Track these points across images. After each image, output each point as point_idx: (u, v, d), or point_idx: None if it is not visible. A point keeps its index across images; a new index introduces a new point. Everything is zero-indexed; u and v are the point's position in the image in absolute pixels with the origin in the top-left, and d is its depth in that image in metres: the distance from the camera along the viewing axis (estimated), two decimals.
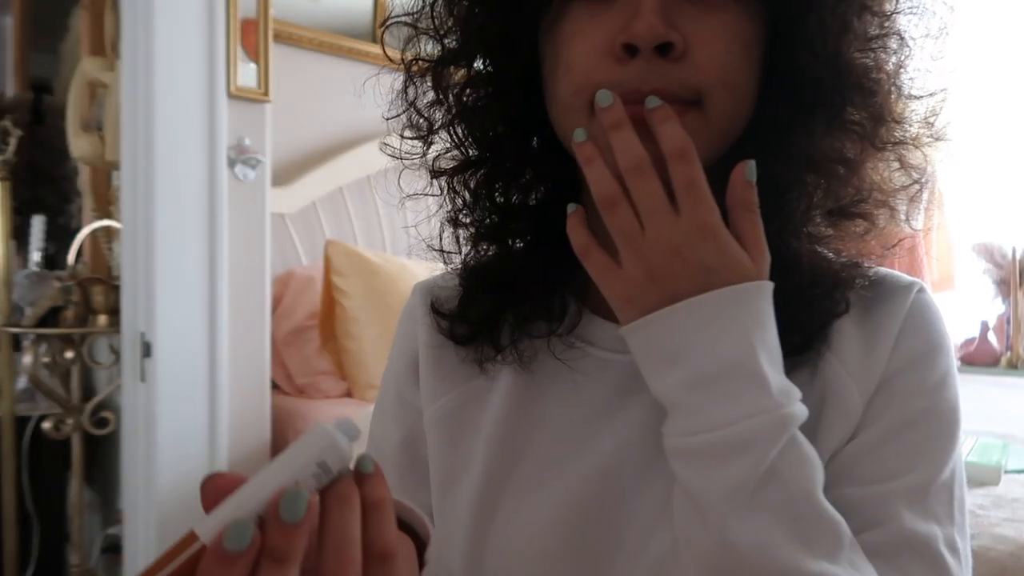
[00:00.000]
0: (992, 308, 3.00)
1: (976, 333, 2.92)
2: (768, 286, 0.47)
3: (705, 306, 0.46)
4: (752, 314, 0.46)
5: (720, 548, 0.46)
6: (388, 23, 0.59)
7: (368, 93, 0.62)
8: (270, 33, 1.98)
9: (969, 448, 1.38)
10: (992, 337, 2.93)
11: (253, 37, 1.95)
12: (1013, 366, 2.81)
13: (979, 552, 1.01)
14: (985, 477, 1.25)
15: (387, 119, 0.60)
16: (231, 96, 1.88)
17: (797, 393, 0.48)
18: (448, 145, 0.60)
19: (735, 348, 0.46)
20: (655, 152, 0.48)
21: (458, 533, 0.58)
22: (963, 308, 3.10)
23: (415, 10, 0.58)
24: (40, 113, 2.96)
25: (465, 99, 0.58)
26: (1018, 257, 2.88)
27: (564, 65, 0.52)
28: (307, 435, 0.39)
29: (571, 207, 0.52)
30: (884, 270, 0.58)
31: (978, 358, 2.89)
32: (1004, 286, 2.93)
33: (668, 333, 0.47)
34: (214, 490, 0.38)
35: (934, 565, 0.49)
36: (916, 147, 0.55)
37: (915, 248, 2.91)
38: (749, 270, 0.47)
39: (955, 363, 0.56)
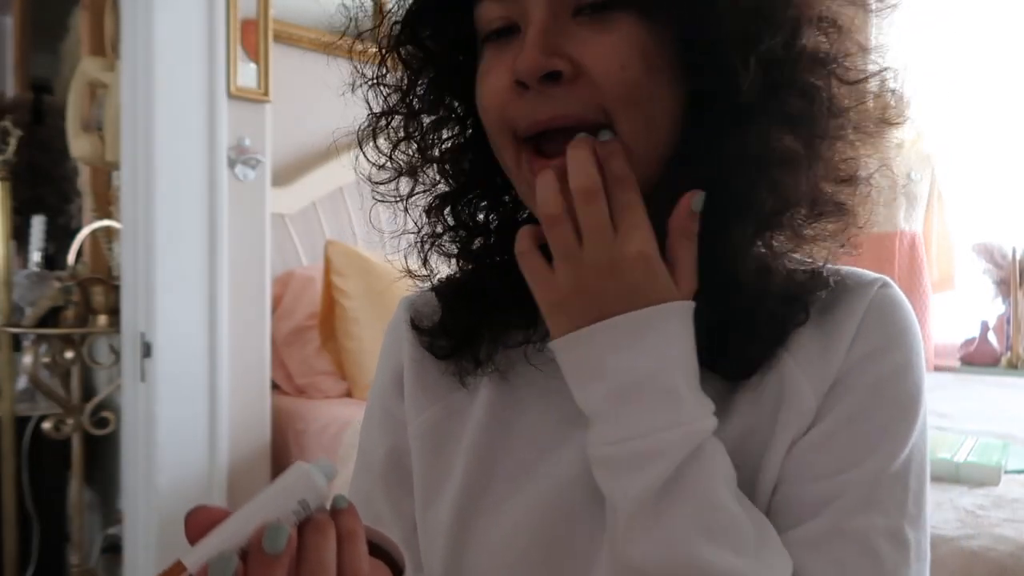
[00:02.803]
0: (992, 308, 2.99)
1: (976, 333, 2.92)
2: (688, 307, 0.50)
3: (629, 324, 0.49)
4: (671, 332, 0.49)
5: (630, 545, 0.49)
6: (355, 85, 0.62)
7: (357, 103, 0.63)
8: (270, 33, 1.98)
9: (969, 448, 1.38)
10: (992, 337, 2.92)
11: (253, 37, 1.95)
12: (1013, 366, 2.81)
13: (979, 552, 1.01)
14: (985, 477, 1.25)
15: (369, 171, 0.63)
16: (231, 96, 1.88)
17: (709, 407, 0.50)
18: (427, 183, 0.63)
19: (653, 364, 0.49)
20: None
21: (439, 541, 0.59)
22: (963, 308, 3.10)
23: (376, 72, 0.61)
24: (40, 113, 2.96)
25: (434, 141, 0.61)
26: (1018, 257, 2.87)
27: (480, 104, 0.55)
28: (288, 473, 0.43)
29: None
30: (849, 269, 0.57)
31: (978, 358, 2.88)
32: (1004, 286, 2.93)
33: (593, 349, 0.50)
34: (199, 523, 0.41)
35: (868, 556, 0.49)
36: (860, 136, 0.54)
37: (915, 248, 2.91)
38: (671, 293, 0.49)
39: (920, 355, 0.55)
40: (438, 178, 0.62)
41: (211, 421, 1.83)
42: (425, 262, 0.64)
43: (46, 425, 2.21)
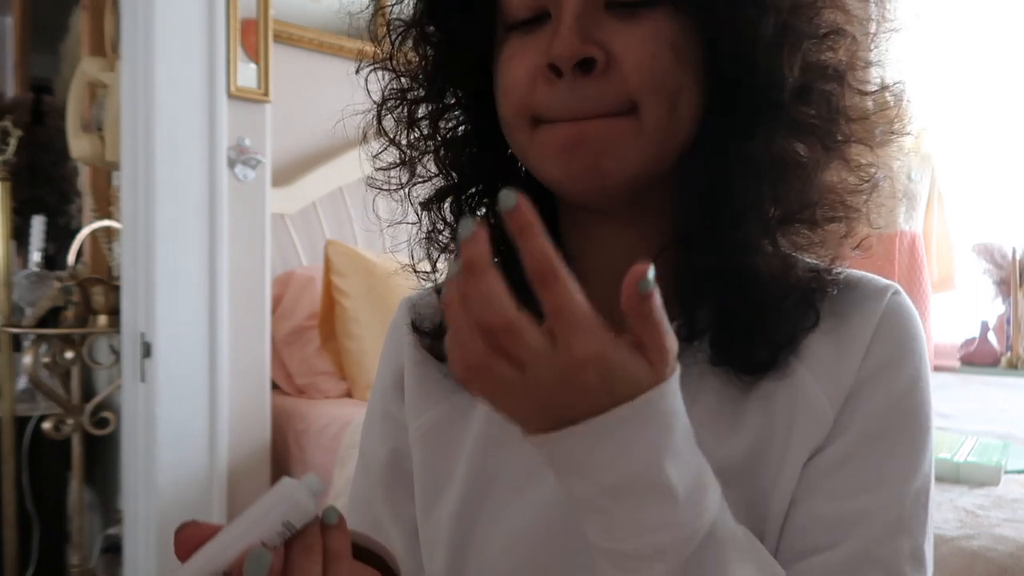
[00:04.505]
0: (992, 308, 3.00)
1: (976, 333, 2.92)
2: (666, 387, 0.43)
3: (602, 427, 0.42)
4: (653, 424, 0.43)
5: None
6: (363, 69, 0.62)
7: (364, 91, 0.63)
8: (270, 33, 1.98)
9: (969, 448, 1.38)
10: (992, 337, 2.92)
11: (253, 37, 1.95)
12: (1013, 366, 2.81)
13: (979, 552, 1.01)
14: (985, 477, 1.25)
15: (372, 157, 0.63)
16: (231, 96, 1.88)
17: (710, 491, 0.45)
18: (427, 174, 0.62)
19: (637, 463, 0.43)
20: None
21: (440, 545, 0.59)
22: (963, 308, 3.10)
23: (386, 54, 0.61)
24: (40, 113, 2.96)
25: (441, 130, 0.61)
26: (1018, 257, 2.88)
27: (503, 89, 0.55)
28: (275, 491, 0.44)
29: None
30: (858, 273, 0.57)
31: (978, 358, 2.88)
32: (1004, 286, 2.93)
33: (570, 450, 0.43)
34: (188, 540, 0.42)
35: None
36: (869, 145, 0.55)
37: (915, 248, 2.91)
38: (643, 382, 0.42)
39: (927, 364, 0.55)
40: (436, 171, 0.62)
41: (211, 421, 1.83)
42: (429, 258, 0.64)
43: (46, 425, 2.21)
